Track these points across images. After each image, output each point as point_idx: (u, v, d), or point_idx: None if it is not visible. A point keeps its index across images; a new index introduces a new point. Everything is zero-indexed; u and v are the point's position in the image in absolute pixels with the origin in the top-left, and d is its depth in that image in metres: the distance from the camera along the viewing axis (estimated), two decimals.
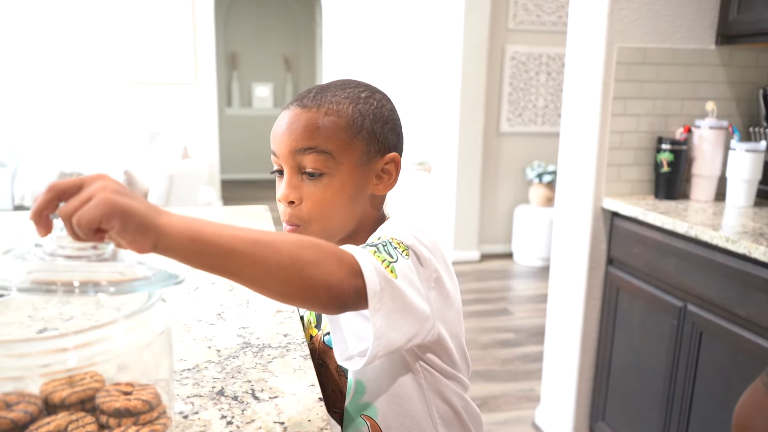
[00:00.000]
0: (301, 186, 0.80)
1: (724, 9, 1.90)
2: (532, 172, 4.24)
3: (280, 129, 0.81)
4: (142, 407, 0.56)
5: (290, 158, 0.80)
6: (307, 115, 0.79)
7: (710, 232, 1.55)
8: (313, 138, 0.78)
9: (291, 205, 0.80)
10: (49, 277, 0.54)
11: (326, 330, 0.89)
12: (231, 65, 7.66)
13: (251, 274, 0.58)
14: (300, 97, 0.82)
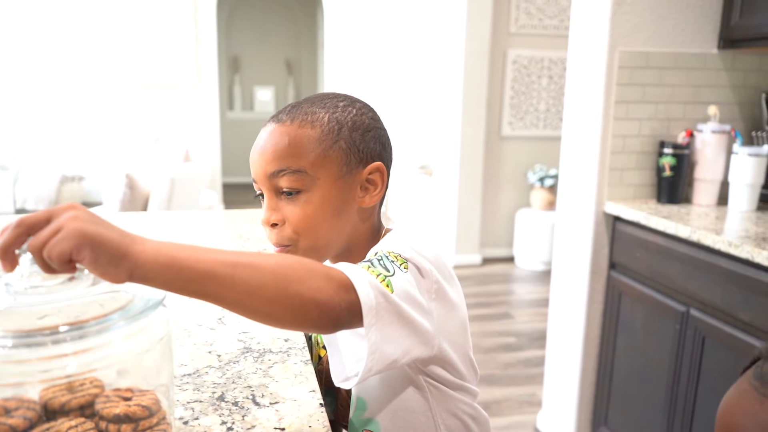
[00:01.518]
0: (282, 207, 0.77)
1: (726, 13, 1.90)
2: (533, 175, 4.24)
3: (254, 152, 0.79)
4: (141, 413, 0.56)
5: (266, 182, 0.78)
6: (279, 131, 0.77)
7: (713, 237, 1.55)
8: (283, 158, 0.76)
9: (275, 228, 0.78)
10: (27, 323, 0.53)
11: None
12: (233, 69, 7.67)
13: (233, 296, 0.55)
14: (276, 113, 0.80)
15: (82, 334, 0.52)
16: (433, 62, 4.70)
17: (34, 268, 0.54)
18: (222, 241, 1.43)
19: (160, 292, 0.58)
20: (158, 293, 0.58)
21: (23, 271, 0.54)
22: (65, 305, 0.55)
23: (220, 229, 1.56)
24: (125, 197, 3.36)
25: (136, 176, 3.46)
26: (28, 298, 0.55)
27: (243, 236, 1.46)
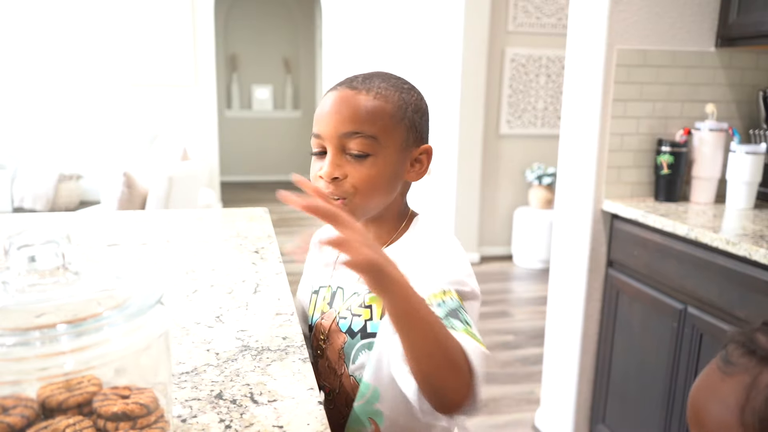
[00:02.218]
0: (345, 164, 0.83)
1: (724, 11, 1.90)
2: (531, 174, 4.24)
3: (326, 111, 0.84)
4: (139, 411, 0.56)
5: (335, 140, 0.83)
6: (356, 97, 0.83)
7: (710, 235, 1.55)
8: (360, 123, 0.82)
9: (334, 182, 0.83)
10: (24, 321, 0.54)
11: (342, 314, 0.92)
12: (231, 67, 7.66)
13: (420, 346, 0.65)
14: (348, 81, 0.86)
15: (80, 332, 0.51)
16: (431, 61, 4.70)
17: (32, 266, 0.54)
18: (220, 239, 1.43)
19: (158, 290, 0.58)
20: (156, 291, 0.58)
21: (20, 269, 0.54)
22: (63, 303, 0.55)
23: (218, 228, 1.56)
24: (123, 196, 3.36)
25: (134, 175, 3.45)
26: (25, 296, 0.55)
27: (241, 234, 1.46)
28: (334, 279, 0.95)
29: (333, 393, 0.95)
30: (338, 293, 0.95)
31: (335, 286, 0.95)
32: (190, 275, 1.15)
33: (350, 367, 0.92)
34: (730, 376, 0.49)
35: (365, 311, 0.91)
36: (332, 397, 0.95)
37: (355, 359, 0.91)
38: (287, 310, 0.98)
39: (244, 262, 1.24)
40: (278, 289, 1.08)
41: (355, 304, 0.92)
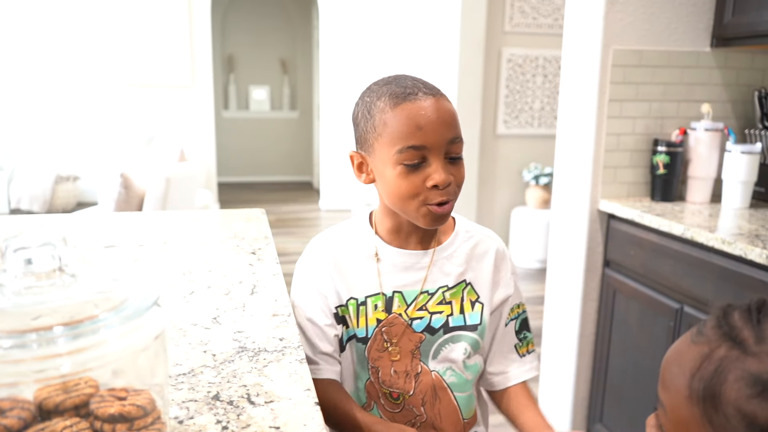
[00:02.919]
0: (449, 168, 0.88)
1: (719, 11, 1.91)
2: (528, 174, 4.25)
3: (430, 120, 0.85)
4: (136, 412, 0.56)
5: (443, 147, 0.86)
6: (445, 104, 0.87)
7: (706, 234, 1.56)
8: (456, 128, 0.88)
9: (448, 187, 0.88)
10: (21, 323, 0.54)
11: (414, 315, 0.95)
12: (228, 68, 7.66)
13: None
14: (416, 87, 0.87)
15: (77, 334, 0.52)
16: (428, 61, 4.70)
17: (28, 269, 0.54)
18: (217, 240, 1.43)
19: (155, 291, 0.58)
20: (152, 293, 0.58)
21: (17, 271, 0.54)
22: (59, 305, 0.55)
23: (215, 229, 1.56)
24: (120, 197, 3.36)
25: (131, 176, 3.45)
26: (22, 298, 0.55)
27: (238, 236, 1.46)
28: (385, 286, 0.96)
29: (403, 396, 0.96)
30: (396, 298, 0.96)
31: (389, 292, 0.96)
32: (186, 276, 1.15)
33: (431, 364, 0.96)
34: (695, 344, 0.52)
35: (446, 307, 0.96)
36: (401, 400, 0.96)
37: (436, 355, 0.96)
38: (284, 311, 0.98)
39: (241, 264, 1.24)
40: (275, 290, 1.08)
41: (431, 303, 0.95)
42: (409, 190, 0.87)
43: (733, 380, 0.48)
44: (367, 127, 0.90)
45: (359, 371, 0.99)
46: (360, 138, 0.93)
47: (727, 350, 0.50)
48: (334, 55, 6.07)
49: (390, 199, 0.91)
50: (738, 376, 0.48)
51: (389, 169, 0.87)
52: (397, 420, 0.97)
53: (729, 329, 0.51)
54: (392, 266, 0.96)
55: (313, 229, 5.62)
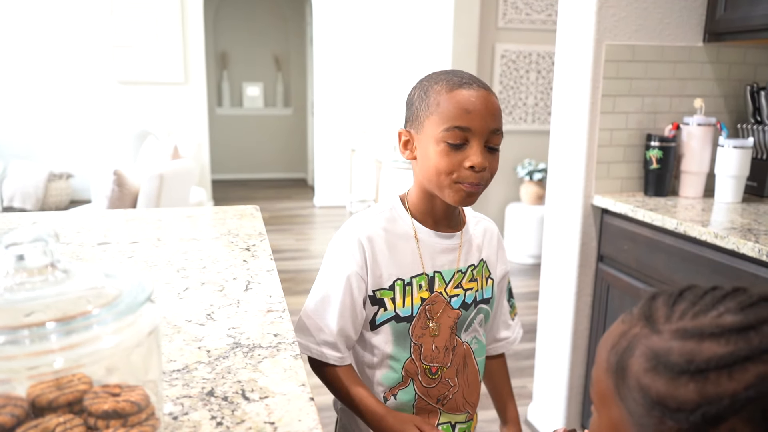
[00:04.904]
0: (486, 155, 0.95)
1: (711, 6, 1.91)
2: (522, 170, 4.26)
3: (477, 108, 0.93)
4: (130, 409, 0.55)
5: (484, 135, 0.93)
6: (493, 99, 0.95)
7: (699, 228, 1.56)
8: (499, 120, 0.95)
9: (482, 172, 0.94)
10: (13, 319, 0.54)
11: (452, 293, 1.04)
12: (221, 65, 7.63)
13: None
14: (472, 80, 0.95)
15: (69, 330, 0.51)
16: (422, 57, 4.70)
17: (20, 265, 0.54)
18: (211, 237, 1.42)
19: (148, 287, 0.58)
20: (145, 289, 0.58)
21: (9, 267, 0.54)
22: (52, 301, 0.55)
23: (209, 226, 1.55)
24: (114, 194, 3.34)
25: (125, 173, 3.44)
26: (14, 294, 0.54)
27: (232, 233, 1.46)
28: (426, 267, 1.03)
29: (441, 370, 1.05)
30: (436, 278, 1.03)
31: (431, 272, 1.03)
32: (181, 273, 1.15)
33: (463, 336, 1.06)
34: (622, 323, 0.55)
35: (474, 284, 1.07)
36: (439, 374, 1.05)
37: (468, 327, 1.07)
38: (278, 308, 0.98)
39: (235, 260, 1.23)
40: (269, 286, 1.08)
41: (464, 281, 1.06)
42: (447, 167, 0.94)
43: (638, 355, 0.51)
44: (421, 106, 0.97)
45: (397, 351, 1.03)
46: (412, 116, 1.00)
47: (640, 328, 0.53)
48: (328, 51, 6.05)
49: (427, 175, 0.97)
50: (642, 351, 0.51)
51: (433, 145, 0.95)
52: (431, 393, 1.05)
53: (648, 310, 0.54)
54: (431, 247, 1.04)
55: (307, 226, 5.62)
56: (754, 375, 0.46)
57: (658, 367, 0.49)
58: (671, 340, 0.50)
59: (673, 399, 0.48)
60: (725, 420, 0.46)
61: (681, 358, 0.48)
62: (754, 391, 0.45)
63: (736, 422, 0.46)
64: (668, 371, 0.49)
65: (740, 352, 0.46)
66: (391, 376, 1.04)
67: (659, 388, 0.49)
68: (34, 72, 5.78)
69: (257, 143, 7.89)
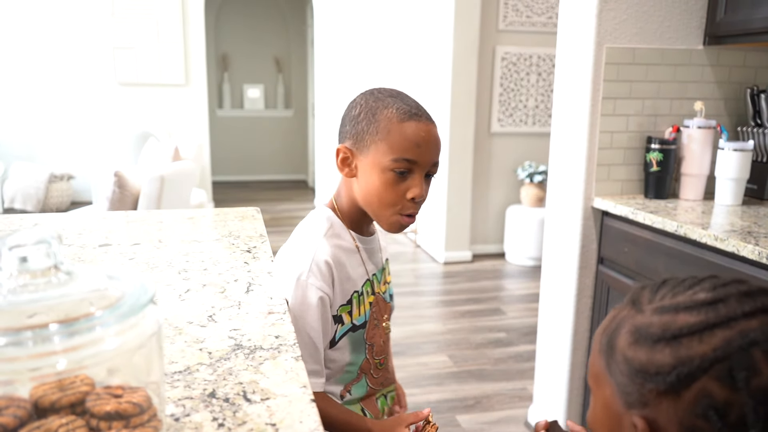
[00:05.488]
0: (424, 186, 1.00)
1: (711, 9, 1.92)
2: (523, 172, 4.26)
3: (427, 142, 0.97)
4: (132, 410, 0.56)
5: (428, 167, 0.99)
6: (437, 132, 1.00)
7: (699, 231, 1.57)
8: (439, 153, 1.01)
9: (421, 202, 1.00)
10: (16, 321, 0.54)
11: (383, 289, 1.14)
12: (222, 67, 7.64)
13: None
14: (420, 111, 0.99)
15: (72, 331, 0.52)
16: (422, 59, 4.71)
17: (23, 267, 0.54)
18: (212, 239, 1.43)
19: (150, 289, 0.58)
20: (148, 291, 0.58)
21: (12, 269, 0.54)
22: (55, 303, 0.55)
23: (210, 227, 1.56)
24: (114, 196, 3.35)
25: (126, 175, 3.44)
26: (16, 296, 0.55)
27: (233, 234, 1.47)
28: (369, 272, 1.10)
29: (385, 359, 1.14)
30: (374, 279, 1.11)
31: (371, 275, 1.10)
32: (182, 275, 1.15)
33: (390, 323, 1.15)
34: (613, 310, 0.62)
35: (390, 276, 1.18)
36: (385, 364, 1.15)
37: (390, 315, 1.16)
38: (280, 309, 0.99)
39: (236, 262, 1.24)
40: (271, 288, 1.09)
41: (385, 275, 1.16)
42: (391, 199, 0.99)
43: (624, 333, 0.58)
44: (369, 129, 0.97)
45: (354, 357, 1.08)
46: (356, 135, 1.00)
47: (627, 311, 0.59)
48: (329, 53, 6.06)
49: (368, 198, 1.01)
50: (627, 329, 0.58)
51: (378, 172, 0.98)
52: (379, 381, 1.15)
53: (634, 296, 0.60)
54: (367, 252, 1.10)
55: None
56: (721, 339, 0.51)
57: (639, 340, 0.56)
58: (652, 316, 0.56)
59: (652, 364, 0.54)
60: (697, 379, 0.51)
61: (659, 328, 0.55)
62: (721, 352, 0.51)
63: (707, 381, 0.51)
64: (648, 341, 0.55)
65: (709, 320, 0.53)
66: (347, 377, 1.09)
67: (641, 357, 0.55)
68: (35, 74, 5.79)
69: (258, 145, 7.90)
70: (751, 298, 0.54)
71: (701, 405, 0.52)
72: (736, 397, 0.50)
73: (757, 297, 0.54)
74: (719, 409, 0.51)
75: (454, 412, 2.41)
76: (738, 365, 0.51)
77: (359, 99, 1.01)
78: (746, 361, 0.51)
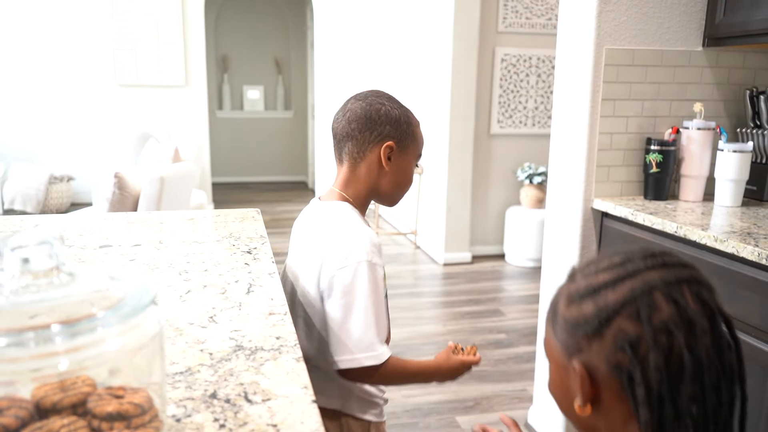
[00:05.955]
0: None
1: (710, 11, 1.92)
2: (522, 173, 4.26)
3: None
4: (134, 411, 0.56)
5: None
6: None
7: (699, 232, 1.57)
8: None
9: None
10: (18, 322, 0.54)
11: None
12: (222, 68, 7.64)
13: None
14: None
15: (74, 332, 0.52)
16: (422, 61, 4.71)
17: (26, 267, 0.54)
18: (213, 240, 1.43)
19: (151, 290, 0.58)
20: (149, 291, 0.58)
21: (14, 270, 0.55)
22: (56, 304, 0.55)
23: (211, 229, 1.56)
24: (114, 197, 3.35)
25: (126, 176, 3.44)
26: (19, 297, 0.55)
27: (233, 235, 1.47)
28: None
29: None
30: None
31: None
32: (182, 276, 1.16)
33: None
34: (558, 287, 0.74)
35: None
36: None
37: None
38: (280, 310, 0.99)
39: (236, 263, 1.24)
40: (271, 289, 1.09)
41: None
42: (410, 184, 1.22)
43: (561, 300, 0.71)
44: (408, 132, 1.17)
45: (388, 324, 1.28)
46: (399, 137, 1.16)
47: (565, 284, 0.72)
48: (329, 54, 6.06)
49: (395, 183, 1.19)
50: (564, 296, 0.71)
51: (410, 165, 1.19)
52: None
53: (572, 272, 0.73)
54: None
55: None
56: (629, 287, 0.65)
57: (572, 301, 0.69)
58: (580, 281, 0.70)
59: (581, 316, 0.67)
60: (613, 320, 0.65)
61: (584, 288, 0.68)
62: (629, 297, 0.64)
63: (621, 320, 0.64)
64: (577, 300, 0.68)
65: (620, 275, 0.67)
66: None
67: (573, 313, 0.68)
68: (35, 75, 5.79)
69: (258, 146, 7.89)
70: (653, 257, 0.68)
71: (619, 340, 0.64)
72: (642, 330, 0.63)
73: (657, 256, 0.69)
74: (632, 342, 0.63)
75: (453, 413, 2.41)
76: (642, 305, 0.64)
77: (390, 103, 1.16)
78: (648, 301, 0.64)
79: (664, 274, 0.66)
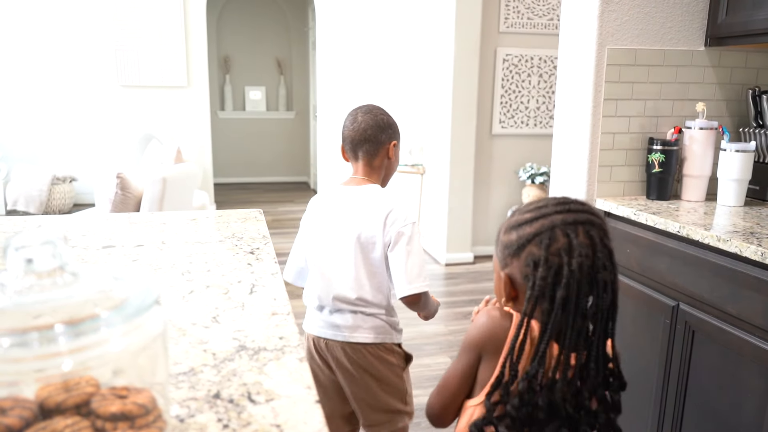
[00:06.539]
0: None
1: (713, 11, 1.92)
2: (524, 173, 4.26)
3: None
4: (137, 411, 0.56)
5: None
6: None
7: (701, 232, 1.57)
8: None
9: None
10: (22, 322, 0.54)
11: None
12: (224, 69, 7.65)
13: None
14: None
15: (78, 332, 0.52)
16: (424, 61, 4.71)
17: (29, 268, 0.54)
18: (215, 240, 1.43)
19: (155, 291, 0.58)
20: (152, 292, 0.58)
21: (18, 270, 0.55)
22: (60, 304, 0.55)
23: (213, 229, 1.56)
24: (117, 198, 3.35)
25: (128, 177, 3.44)
26: (23, 297, 0.55)
27: (236, 236, 1.47)
28: None
29: None
30: None
31: None
32: (185, 276, 1.16)
33: None
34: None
35: None
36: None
37: None
38: (283, 310, 0.99)
39: (239, 263, 1.24)
40: (274, 289, 1.09)
41: None
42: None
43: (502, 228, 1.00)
44: (398, 131, 1.58)
45: None
46: (397, 136, 1.57)
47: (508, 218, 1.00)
48: (330, 55, 6.06)
49: (394, 169, 1.60)
50: (504, 225, 1.00)
51: (398, 153, 1.59)
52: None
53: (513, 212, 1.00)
54: None
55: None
56: (540, 224, 0.93)
57: (506, 231, 0.98)
58: (513, 217, 0.98)
59: (509, 241, 0.97)
60: (526, 246, 0.93)
61: (514, 222, 0.97)
62: (538, 230, 0.92)
63: (531, 246, 0.93)
64: (509, 230, 0.97)
65: (535, 215, 0.94)
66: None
67: (504, 240, 0.98)
68: (37, 76, 5.80)
69: (260, 147, 7.90)
70: (563, 203, 0.94)
71: (528, 259, 0.93)
72: (543, 254, 0.91)
73: (565, 204, 0.94)
74: (536, 261, 0.91)
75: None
76: (545, 237, 0.91)
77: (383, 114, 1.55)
78: (550, 234, 0.91)
79: (567, 217, 0.92)
